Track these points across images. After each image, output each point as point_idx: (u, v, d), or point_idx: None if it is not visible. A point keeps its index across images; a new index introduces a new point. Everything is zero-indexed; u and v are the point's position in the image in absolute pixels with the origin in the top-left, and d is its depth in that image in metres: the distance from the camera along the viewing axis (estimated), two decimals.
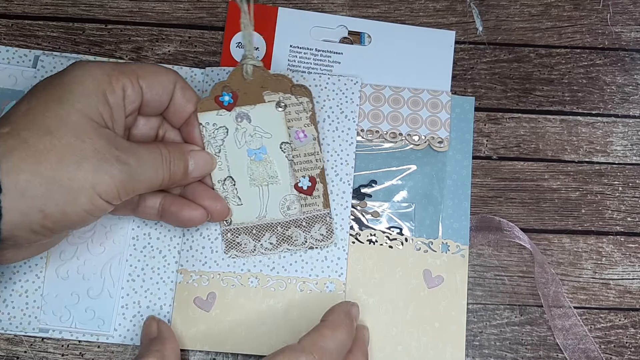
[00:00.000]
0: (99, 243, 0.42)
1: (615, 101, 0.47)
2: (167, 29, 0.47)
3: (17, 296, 0.41)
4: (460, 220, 0.43)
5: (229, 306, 0.41)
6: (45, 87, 0.34)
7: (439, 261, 0.42)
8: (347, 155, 0.43)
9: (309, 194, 0.41)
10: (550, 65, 0.47)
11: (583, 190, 0.45)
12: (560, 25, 0.48)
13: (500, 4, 0.48)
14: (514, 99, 0.47)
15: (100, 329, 0.41)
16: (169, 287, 0.41)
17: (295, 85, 0.41)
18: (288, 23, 0.46)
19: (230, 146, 0.41)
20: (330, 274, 0.41)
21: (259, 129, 0.41)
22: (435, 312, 0.41)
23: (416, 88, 0.45)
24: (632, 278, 0.44)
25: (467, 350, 0.42)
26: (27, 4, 0.47)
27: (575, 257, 0.44)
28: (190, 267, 0.41)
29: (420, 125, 0.44)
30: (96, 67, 0.35)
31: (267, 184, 0.41)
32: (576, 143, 0.46)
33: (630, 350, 0.43)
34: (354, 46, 0.46)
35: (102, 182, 0.33)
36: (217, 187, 0.41)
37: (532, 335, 0.42)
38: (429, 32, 0.47)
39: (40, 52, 0.45)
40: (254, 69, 0.40)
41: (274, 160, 0.41)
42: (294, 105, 0.41)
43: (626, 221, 0.45)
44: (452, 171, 0.44)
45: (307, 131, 0.41)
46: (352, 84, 0.44)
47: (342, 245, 0.42)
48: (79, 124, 0.33)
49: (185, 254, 0.41)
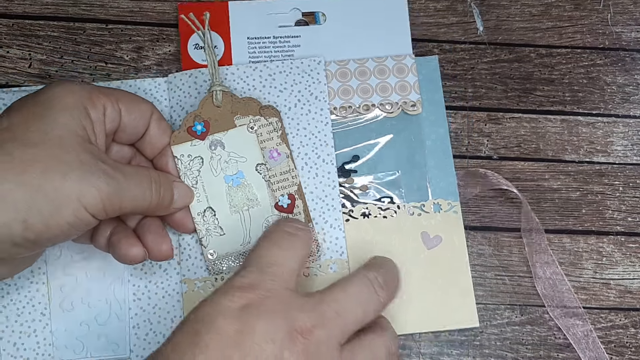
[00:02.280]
0: (97, 268, 0.41)
1: (615, 101, 0.47)
2: (168, 29, 0.47)
3: (26, 337, 0.40)
4: (446, 178, 0.44)
5: None
6: (23, 105, 0.34)
7: (434, 221, 0.43)
8: (325, 135, 0.43)
9: (289, 212, 0.41)
10: (550, 65, 0.47)
11: (583, 190, 0.45)
12: (561, 25, 0.48)
13: (501, 4, 0.48)
14: (515, 99, 0.47)
15: (116, 353, 0.40)
16: (176, 299, 0.41)
17: (263, 107, 0.42)
18: (241, 16, 0.46)
19: (207, 175, 0.41)
20: (332, 254, 0.41)
21: (233, 154, 0.41)
22: (440, 271, 0.42)
23: (379, 56, 0.45)
24: (632, 278, 0.44)
25: (469, 350, 0.42)
26: (27, 4, 0.47)
27: (576, 257, 0.44)
28: (193, 275, 0.41)
29: (391, 93, 0.44)
30: (75, 84, 0.35)
31: (247, 208, 0.41)
32: (577, 143, 0.46)
33: (630, 350, 0.43)
34: (311, 27, 0.46)
35: (88, 193, 0.32)
36: (197, 220, 0.41)
37: (532, 335, 0.42)
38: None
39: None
40: (223, 95, 0.41)
41: (251, 183, 0.41)
42: (264, 126, 0.41)
43: (627, 221, 0.45)
44: (429, 132, 0.44)
45: (280, 149, 0.42)
46: (315, 64, 0.44)
47: (338, 225, 0.42)
48: (63, 137, 0.32)
49: (186, 263, 0.41)
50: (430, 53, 0.47)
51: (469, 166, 0.45)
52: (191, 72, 0.44)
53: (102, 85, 0.36)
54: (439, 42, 0.47)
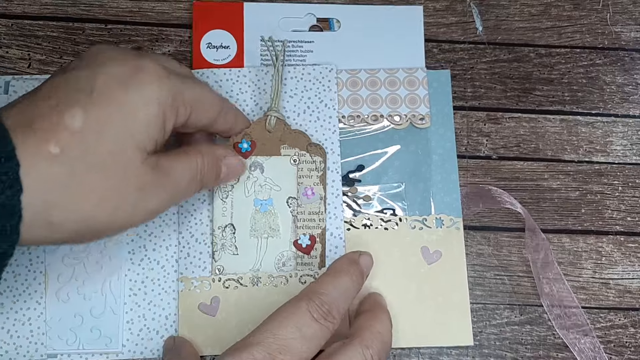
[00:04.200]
0: (95, 261, 0.41)
1: (615, 101, 0.47)
2: (167, 29, 0.47)
3: (20, 325, 0.40)
4: (450, 194, 0.43)
5: (234, 308, 0.41)
6: (107, 91, 0.31)
7: (435, 236, 0.42)
8: (332, 143, 0.43)
9: (306, 253, 0.41)
10: (550, 65, 0.47)
11: (583, 190, 0.45)
12: (560, 25, 0.48)
13: (500, 4, 0.48)
14: (514, 99, 0.47)
15: (108, 347, 0.40)
16: (172, 296, 0.41)
17: (311, 144, 0.42)
18: (255, 17, 0.46)
19: (238, 193, 0.41)
20: (330, 262, 0.41)
21: (269, 180, 0.41)
22: (438, 287, 0.42)
23: (391, 68, 0.45)
24: (632, 278, 0.44)
25: (468, 350, 0.42)
26: (27, 4, 0.47)
27: (575, 256, 0.44)
28: (190, 274, 0.41)
29: (400, 105, 0.44)
30: (163, 86, 0.32)
31: (267, 236, 0.41)
32: (576, 143, 0.46)
33: (630, 349, 0.43)
34: (325, 33, 0.46)
35: (138, 219, 0.32)
36: (216, 232, 0.41)
37: (532, 335, 0.42)
38: (397, 10, 0.46)
39: (10, 77, 0.44)
40: (277, 121, 0.41)
41: (278, 213, 0.41)
42: (307, 162, 0.42)
43: (626, 221, 0.45)
44: (436, 146, 0.44)
45: (316, 190, 0.42)
46: (327, 71, 0.44)
47: (339, 234, 0.42)
48: (130, 161, 0.31)
49: (184, 262, 0.41)
50: (429, 53, 0.47)
51: (468, 166, 0.45)
52: (202, 71, 0.44)
53: (177, 77, 0.34)
54: (438, 42, 0.47)
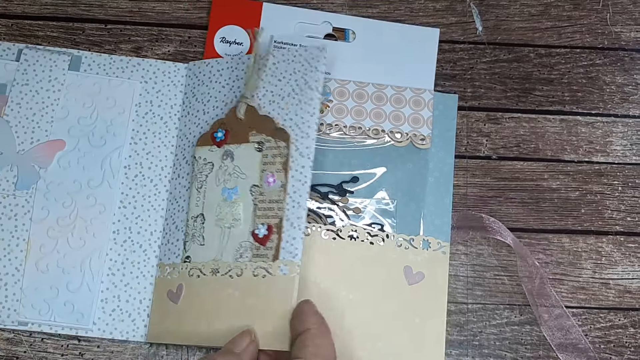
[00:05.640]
0: (79, 237, 0.42)
1: (614, 101, 0.47)
2: (167, 29, 0.47)
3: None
4: (441, 217, 0.43)
5: (194, 298, 0.40)
6: None
7: (420, 258, 0.42)
8: (309, 127, 0.40)
9: (262, 244, 0.39)
10: (550, 65, 0.47)
11: (583, 190, 0.45)
12: (560, 25, 0.48)
13: (500, 4, 0.48)
14: (514, 99, 0.47)
15: (80, 322, 0.41)
16: (149, 281, 0.41)
17: (277, 129, 0.41)
18: (272, 18, 0.46)
19: (211, 183, 0.41)
20: (285, 255, 0.38)
21: (237, 169, 0.41)
22: (416, 309, 0.41)
23: (399, 86, 0.45)
24: (631, 278, 0.44)
25: (468, 349, 0.42)
26: (27, 4, 0.47)
27: (575, 256, 0.44)
28: (167, 260, 0.41)
29: (403, 123, 0.44)
30: None
31: (229, 227, 0.40)
32: (576, 143, 0.46)
33: (629, 350, 0.43)
34: (338, 42, 0.46)
35: None
36: (189, 222, 0.41)
37: (531, 335, 0.42)
38: (414, 30, 0.47)
39: (24, 45, 0.45)
40: (247, 108, 0.41)
41: (242, 202, 0.40)
42: (272, 148, 0.41)
43: (626, 221, 0.45)
44: (434, 168, 0.44)
45: (277, 177, 0.40)
46: (317, 51, 0.42)
47: (299, 225, 0.39)
48: None
49: (164, 248, 0.41)
50: None
51: (468, 166, 0.45)
52: (209, 61, 0.44)
53: None
54: (438, 42, 0.47)
